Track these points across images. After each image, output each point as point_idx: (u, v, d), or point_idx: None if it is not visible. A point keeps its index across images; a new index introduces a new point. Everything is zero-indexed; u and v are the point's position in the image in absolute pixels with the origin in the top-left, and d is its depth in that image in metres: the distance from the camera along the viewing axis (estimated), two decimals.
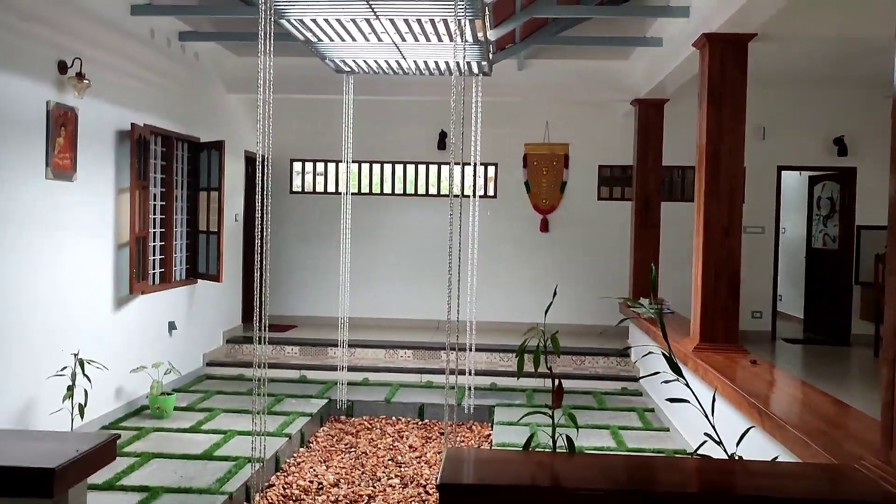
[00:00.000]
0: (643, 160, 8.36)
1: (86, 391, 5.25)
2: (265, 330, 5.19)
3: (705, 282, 5.46)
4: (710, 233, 5.45)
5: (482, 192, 10.13)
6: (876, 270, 8.85)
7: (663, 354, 3.41)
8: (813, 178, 10.34)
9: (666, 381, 3.50)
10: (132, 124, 6.32)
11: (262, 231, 5.07)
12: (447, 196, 10.06)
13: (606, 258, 9.85)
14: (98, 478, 4.88)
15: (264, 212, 5.04)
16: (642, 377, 7.64)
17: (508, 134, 9.86)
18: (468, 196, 9.90)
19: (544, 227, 9.94)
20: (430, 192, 10.19)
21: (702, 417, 3.51)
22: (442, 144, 9.99)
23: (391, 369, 8.17)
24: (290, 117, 10.00)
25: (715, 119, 5.41)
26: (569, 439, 3.25)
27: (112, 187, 6.22)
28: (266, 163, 5.06)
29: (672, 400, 3.42)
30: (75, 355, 5.30)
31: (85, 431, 5.40)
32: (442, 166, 10.16)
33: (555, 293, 3.71)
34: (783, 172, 9.89)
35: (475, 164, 7.02)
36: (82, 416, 5.24)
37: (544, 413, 3.56)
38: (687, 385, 3.36)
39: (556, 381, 3.50)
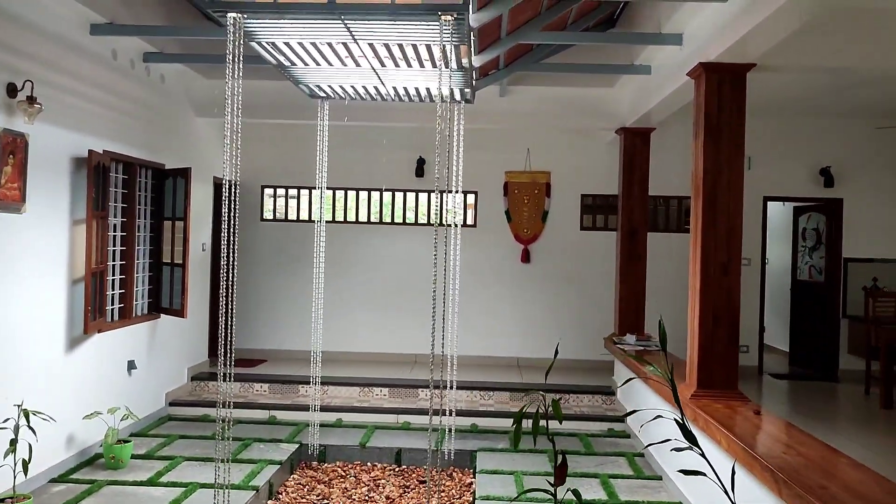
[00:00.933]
0: (628, 190, 8.09)
1: (30, 445, 4.76)
2: (231, 366, 4.80)
3: (703, 324, 5.14)
4: (707, 271, 5.15)
5: (462, 222, 9.78)
6: (866, 304, 8.64)
7: (676, 421, 3.06)
8: (798, 208, 10.16)
9: (677, 450, 3.15)
10: (90, 151, 5.88)
11: (228, 260, 4.72)
12: (424, 224, 9.73)
13: (590, 290, 9.54)
14: None
15: (231, 240, 4.69)
16: (630, 413, 7.29)
17: (488, 161, 9.55)
18: (449, 225, 9.56)
19: (525, 257, 9.61)
20: (406, 221, 9.81)
21: (696, 463, 3.19)
22: (420, 171, 9.65)
23: (366, 409, 7.73)
24: (262, 142, 9.61)
25: (712, 151, 5.13)
26: None
27: (66, 219, 5.77)
28: (234, 189, 4.71)
29: (686, 472, 3.07)
30: (18, 406, 4.81)
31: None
32: (420, 194, 9.80)
33: (556, 353, 3.40)
34: (768, 203, 9.70)
35: (456, 193, 6.66)
36: (26, 473, 4.74)
37: (545, 491, 3.18)
38: (703, 455, 3.01)
39: (560, 457, 3.14)
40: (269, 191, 9.95)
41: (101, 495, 5.33)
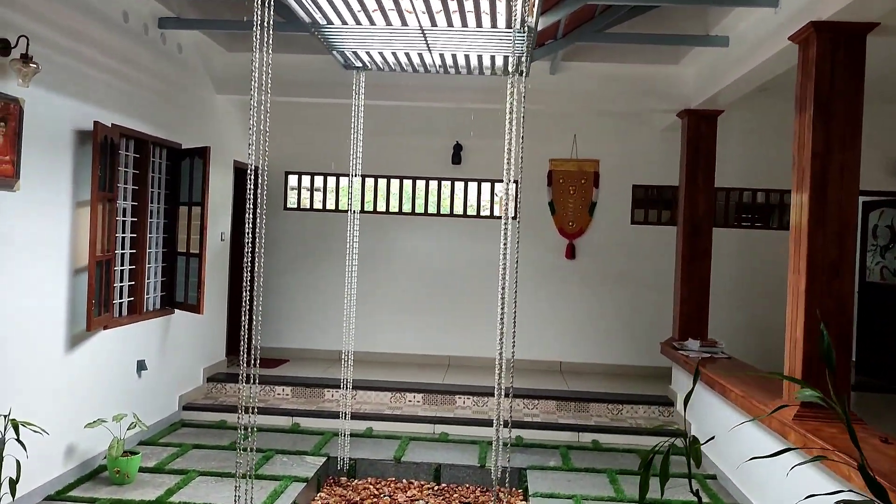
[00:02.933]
0: (692, 180, 7.27)
1: (18, 462, 4.06)
2: (255, 365, 4.13)
3: (808, 333, 4.35)
4: (813, 272, 4.35)
5: (500, 214, 9.02)
6: None
7: (862, 470, 2.28)
8: (869, 203, 9.29)
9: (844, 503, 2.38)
10: (96, 123, 5.17)
11: (252, 251, 4.04)
12: (460, 216, 8.97)
13: (642, 290, 8.74)
14: None
15: (255, 229, 4.01)
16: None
17: (530, 147, 8.72)
18: (497, 217, 8.82)
19: (570, 253, 8.82)
20: (441, 212, 9.05)
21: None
22: (457, 158, 8.88)
23: (399, 417, 6.99)
24: (287, 124, 8.89)
25: (822, 130, 4.33)
26: None
27: (68, 200, 5.06)
28: (259, 174, 4.04)
29: None
30: (6, 416, 4.12)
31: None
32: (456, 182, 9.04)
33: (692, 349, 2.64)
34: None
35: (511, 182, 5.87)
36: (13, 494, 4.04)
37: None
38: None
39: None
40: (293, 178, 9.23)
41: None
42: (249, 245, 4.10)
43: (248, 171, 4.04)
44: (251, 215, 4.16)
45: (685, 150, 7.32)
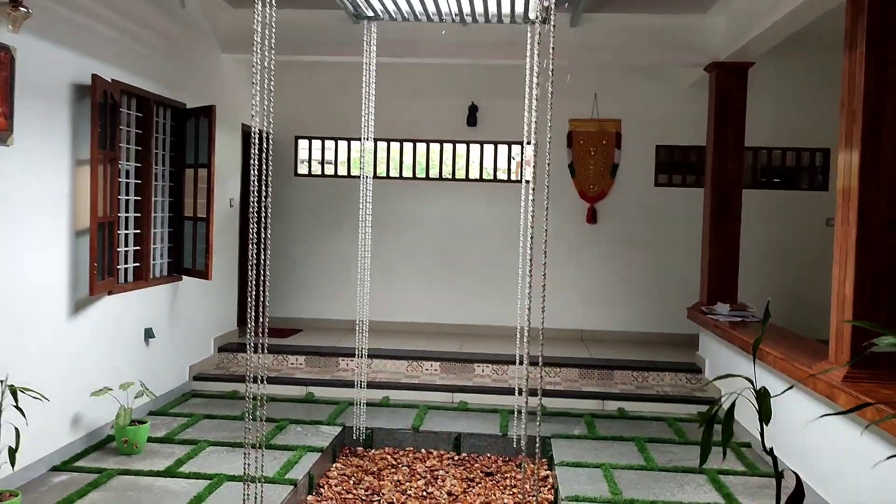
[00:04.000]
0: (721, 139, 6.93)
1: (17, 430, 3.83)
2: (264, 335, 3.90)
3: (858, 291, 4.04)
4: (865, 227, 4.03)
5: (517, 178, 8.71)
6: None
7: None
8: None
9: None
10: (94, 76, 4.89)
11: (260, 216, 3.78)
12: (476, 181, 8.67)
13: (666, 254, 8.43)
14: None
15: (262, 195, 3.75)
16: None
17: (547, 108, 8.40)
18: (514, 181, 8.49)
19: (591, 217, 8.50)
20: (456, 177, 8.75)
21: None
22: (472, 120, 8.55)
23: (416, 386, 6.75)
24: (295, 87, 8.58)
25: (876, 67, 3.98)
26: None
27: (67, 157, 4.80)
28: (267, 137, 3.77)
29: None
30: (2, 381, 3.89)
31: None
32: (471, 146, 8.71)
33: (767, 313, 2.36)
34: None
35: (528, 143, 5.54)
36: (13, 463, 3.82)
37: None
38: None
39: (797, 481, 2.10)
40: (303, 142, 8.93)
41: (108, 488, 4.42)
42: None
43: (252, 135, 3.75)
44: (259, 177, 3.88)
45: (713, 105, 6.97)
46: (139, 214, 5.83)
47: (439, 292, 8.67)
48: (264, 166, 3.85)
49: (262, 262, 3.86)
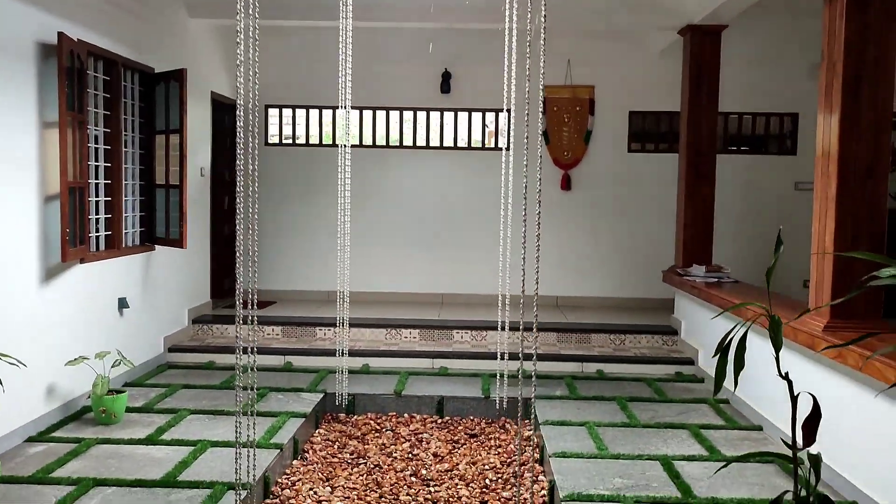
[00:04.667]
0: (696, 102, 6.95)
1: None
2: (253, 305, 3.81)
3: (839, 238, 4.10)
4: (845, 175, 4.08)
5: (492, 145, 8.68)
6: None
7: None
8: None
9: None
10: (60, 35, 4.71)
11: (246, 184, 3.68)
12: (450, 148, 8.62)
13: (639, 220, 8.48)
14: None
15: (248, 165, 3.66)
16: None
17: (524, 73, 8.36)
18: (489, 149, 8.43)
19: (566, 184, 8.51)
20: (430, 145, 8.67)
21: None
22: (446, 87, 8.47)
23: (396, 353, 6.72)
24: (266, 54, 8.36)
25: (857, 19, 4.02)
26: (825, 501, 1.85)
27: (34, 119, 4.63)
28: (247, 107, 3.67)
29: None
30: None
31: None
32: (445, 113, 8.64)
33: (779, 241, 2.34)
34: None
35: (507, 111, 5.48)
36: None
37: (782, 457, 2.16)
38: None
39: (813, 402, 2.11)
40: (273, 111, 8.77)
41: (89, 457, 4.32)
42: (242, 178, 3.72)
43: (238, 106, 3.63)
44: (241, 149, 3.76)
45: (688, 68, 6.98)
46: (109, 181, 5.67)
47: (415, 261, 8.63)
48: (249, 136, 3.73)
49: (248, 230, 3.76)
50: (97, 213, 5.50)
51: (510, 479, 4.63)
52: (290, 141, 8.77)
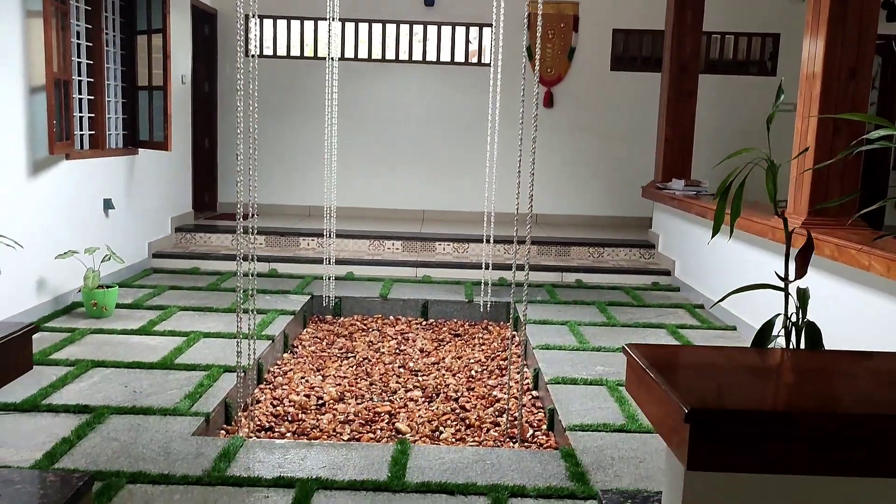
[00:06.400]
0: (680, 18, 6.97)
1: None
2: (254, 207, 3.85)
3: (821, 136, 4.23)
4: (829, 73, 4.18)
5: (475, 61, 8.63)
6: None
7: None
8: None
9: None
10: None
11: (246, 92, 3.69)
12: (434, 63, 8.56)
13: (621, 138, 8.57)
14: (14, 393, 3.49)
15: (249, 72, 3.61)
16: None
17: None
18: (473, 64, 8.35)
19: (548, 101, 8.54)
20: (413, 59, 8.61)
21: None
22: (430, 0, 8.37)
23: (379, 262, 6.83)
24: None
25: None
26: (812, 326, 2.01)
27: (17, 6, 4.53)
28: (247, 17, 3.59)
29: None
30: None
31: None
32: (429, 27, 8.56)
33: (780, 91, 2.42)
34: None
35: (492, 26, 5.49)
36: None
37: (774, 287, 2.30)
38: None
39: (807, 235, 2.24)
40: (252, 22, 8.58)
41: (84, 343, 4.40)
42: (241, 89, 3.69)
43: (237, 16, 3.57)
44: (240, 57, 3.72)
45: None
46: (92, 80, 5.59)
47: (396, 176, 8.66)
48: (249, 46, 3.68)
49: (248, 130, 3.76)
50: (81, 111, 5.43)
51: (494, 371, 4.81)
52: (272, 53, 8.63)
